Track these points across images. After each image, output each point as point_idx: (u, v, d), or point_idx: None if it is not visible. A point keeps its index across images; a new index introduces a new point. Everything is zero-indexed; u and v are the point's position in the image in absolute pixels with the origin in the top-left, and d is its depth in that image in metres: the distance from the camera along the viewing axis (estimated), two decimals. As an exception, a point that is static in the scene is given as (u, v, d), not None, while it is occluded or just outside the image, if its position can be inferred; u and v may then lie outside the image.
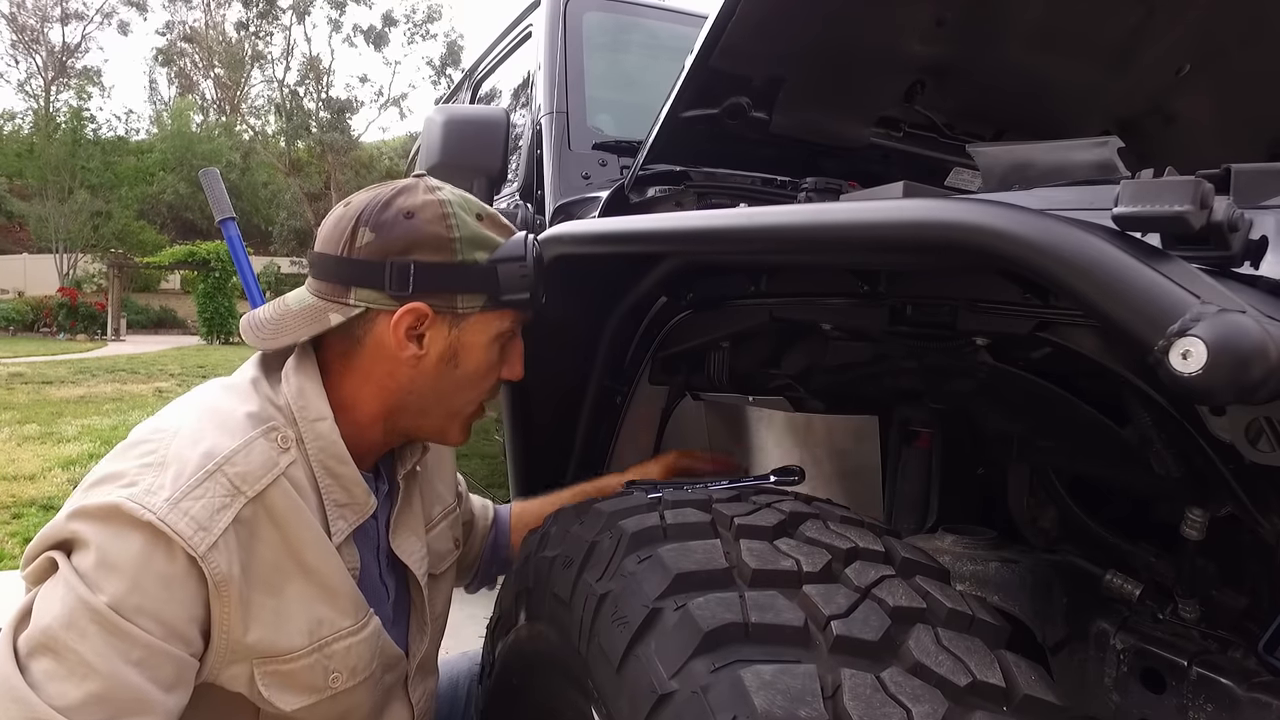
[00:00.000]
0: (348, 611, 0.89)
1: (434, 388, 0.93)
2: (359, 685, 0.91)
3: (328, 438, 0.89)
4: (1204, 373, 0.47)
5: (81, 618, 0.71)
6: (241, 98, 31.73)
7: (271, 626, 0.82)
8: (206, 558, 0.76)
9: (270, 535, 0.82)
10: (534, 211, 1.74)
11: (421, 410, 0.95)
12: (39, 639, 0.72)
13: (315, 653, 0.86)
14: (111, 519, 0.75)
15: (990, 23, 1.21)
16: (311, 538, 0.85)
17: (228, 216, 2.13)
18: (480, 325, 0.93)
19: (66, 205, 22.54)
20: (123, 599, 0.73)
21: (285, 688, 0.84)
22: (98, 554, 0.73)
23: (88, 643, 0.71)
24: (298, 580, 0.84)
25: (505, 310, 0.93)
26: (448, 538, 1.12)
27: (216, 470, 0.80)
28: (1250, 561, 0.81)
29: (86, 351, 13.56)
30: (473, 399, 0.98)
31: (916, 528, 1.11)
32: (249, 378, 0.91)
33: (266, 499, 0.82)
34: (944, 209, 0.64)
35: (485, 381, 0.97)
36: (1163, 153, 1.46)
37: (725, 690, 0.58)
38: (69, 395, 7.78)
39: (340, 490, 0.89)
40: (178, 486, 0.77)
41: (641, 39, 2.08)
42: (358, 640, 0.89)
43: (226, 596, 0.78)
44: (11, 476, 4.40)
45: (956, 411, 1.05)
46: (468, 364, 0.93)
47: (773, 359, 1.20)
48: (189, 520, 0.76)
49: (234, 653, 0.81)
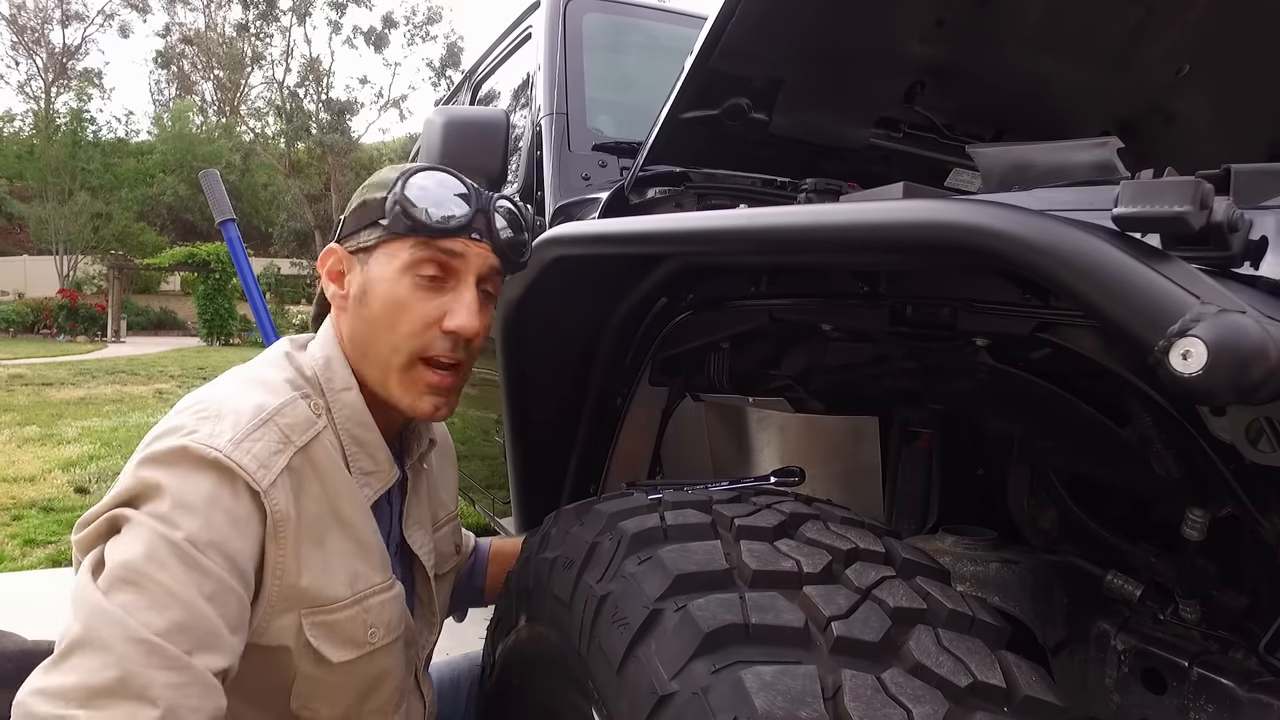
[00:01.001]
0: (378, 568, 0.92)
1: (360, 330, 0.94)
2: (392, 644, 0.93)
3: (353, 405, 0.93)
4: (1204, 373, 0.47)
5: (161, 550, 0.74)
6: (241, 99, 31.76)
7: (320, 575, 0.85)
8: (269, 494, 0.80)
9: (314, 488, 0.86)
10: (534, 213, 1.74)
11: (364, 360, 0.94)
12: (120, 573, 0.73)
13: (355, 605, 0.89)
14: (180, 461, 0.78)
15: (990, 23, 1.21)
16: (348, 494, 0.89)
17: (228, 218, 2.13)
18: (383, 258, 0.93)
19: (66, 207, 22.53)
20: (197, 533, 0.75)
21: (331, 639, 0.87)
22: (171, 497, 0.76)
23: (168, 573, 0.73)
24: (336, 533, 0.88)
25: (402, 239, 0.92)
26: (449, 541, 1.15)
27: (269, 420, 0.84)
28: (1251, 562, 0.81)
29: (87, 353, 13.56)
30: (394, 344, 0.92)
31: (917, 528, 1.11)
32: (282, 351, 0.97)
33: (311, 452, 0.86)
34: (944, 210, 0.64)
35: (401, 323, 0.92)
36: (1162, 153, 1.46)
37: (726, 691, 0.58)
38: (69, 397, 7.78)
39: (366, 457, 0.93)
40: (238, 429, 0.82)
41: (641, 40, 2.08)
42: (389, 597, 0.93)
43: (283, 537, 0.81)
44: (11, 478, 4.40)
45: (957, 412, 1.05)
46: (376, 299, 0.93)
47: (773, 360, 1.20)
48: (252, 457, 0.80)
49: (286, 599, 0.83)
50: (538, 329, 1.28)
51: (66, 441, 5.47)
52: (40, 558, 3.25)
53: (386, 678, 0.94)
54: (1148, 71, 1.33)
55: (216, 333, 17.17)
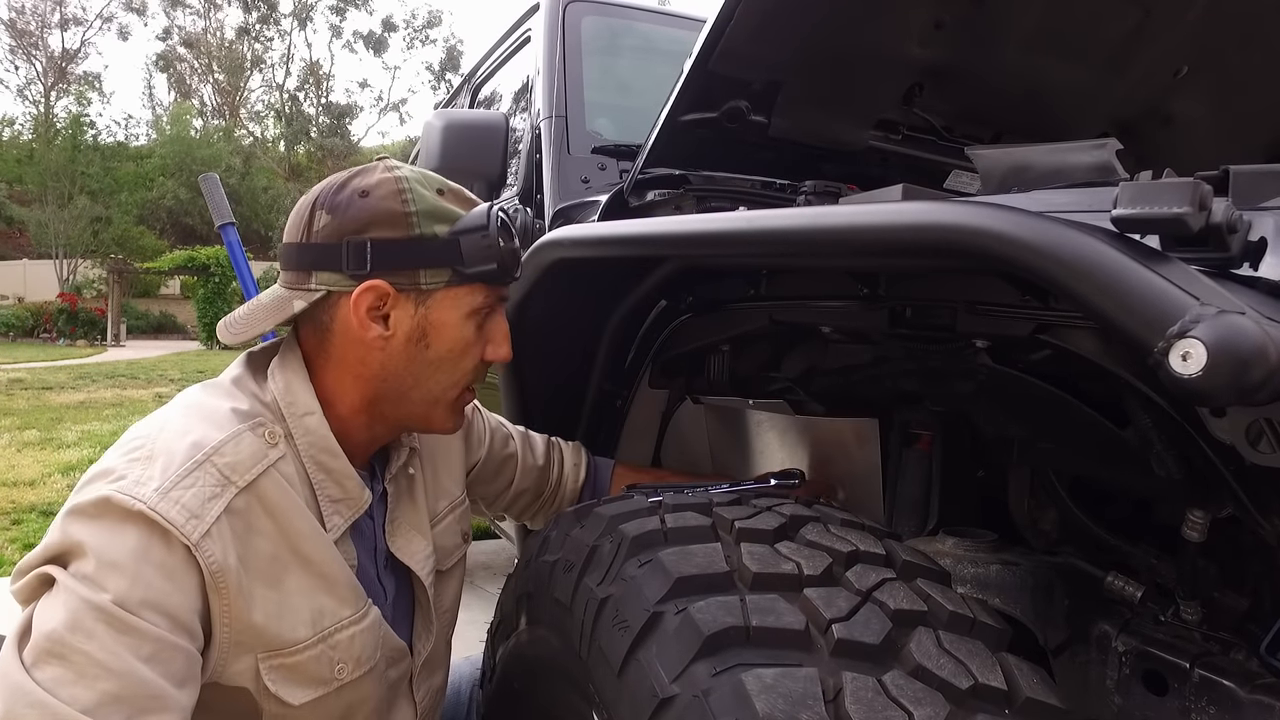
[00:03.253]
0: (348, 601, 0.88)
1: (408, 370, 0.91)
2: (364, 677, 0.90)
3: (317, 432, 0.88)
4: (1204, 374, 0.47)
5: (87, 618, 0.69)
6: (241, 103, 31.78)
7: (275, 618, 0.81)
8: (200, 546, 0.75)
9: (266, 526, 0.82)
10: (533, 216, 1.74)
11: (401, 396, 0.92)
12: (45, 646, 0.69)
13: (320, 643, 0.85)
14: (104, 514, 0.74)
15: (988, 25, 1.21)
16: (307, 528, 0.85)
17: (227, 221, 2.13)
18: (449, 301, 0.90)
19: (66, 211, 22.54)
20: (126, 594, 0.71)
21: (291, 681, 0.83)
22: (96, 555, 0.72)
23: (96, 642, 0.69)
24: (296, 571, 0.84)
25: (474, 284, 0.90)
26: (455, 532, 1.11)
27: (205, 460, 0.79)
28: (1252, 563, 0.80)
29: (86, 357, 13.56)
30: (453, 381, 0.94)
31: (917, 530, 1.11)
32: (231, 377, 0.92)
33: (259, 489, 0.81)
34: (943, 211, 0.64)
35: (464, 362, 0.93)
36: (1161, 155, 1.46)
37: (726, 694, 0.58)
38: (69, 401, 7.78)
39: (333, 485, 0.89)
40: (166, 476, 0.76)
41: (640, 43, 2.08)
42: (360, 630, 0.89)
43: (224, 588, 0.77)
44: (11, 482, 4.40)
45: (957, 414, 1.05)
46: (440, 343, 0.91)
47: (772, 362, 1.20)
48: (180, 508, 0.75)
49: (238, 645, 0.80)
50: (537, 332, 1.27)
51: (66, 445, 5.46)
52: (40, 562, 3.25)
53: (361, 705, 0.92)
54: (1146, 73, 1.33)
55: (216, 336, 17.13)
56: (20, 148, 26.31)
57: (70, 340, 17.00)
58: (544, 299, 1.22)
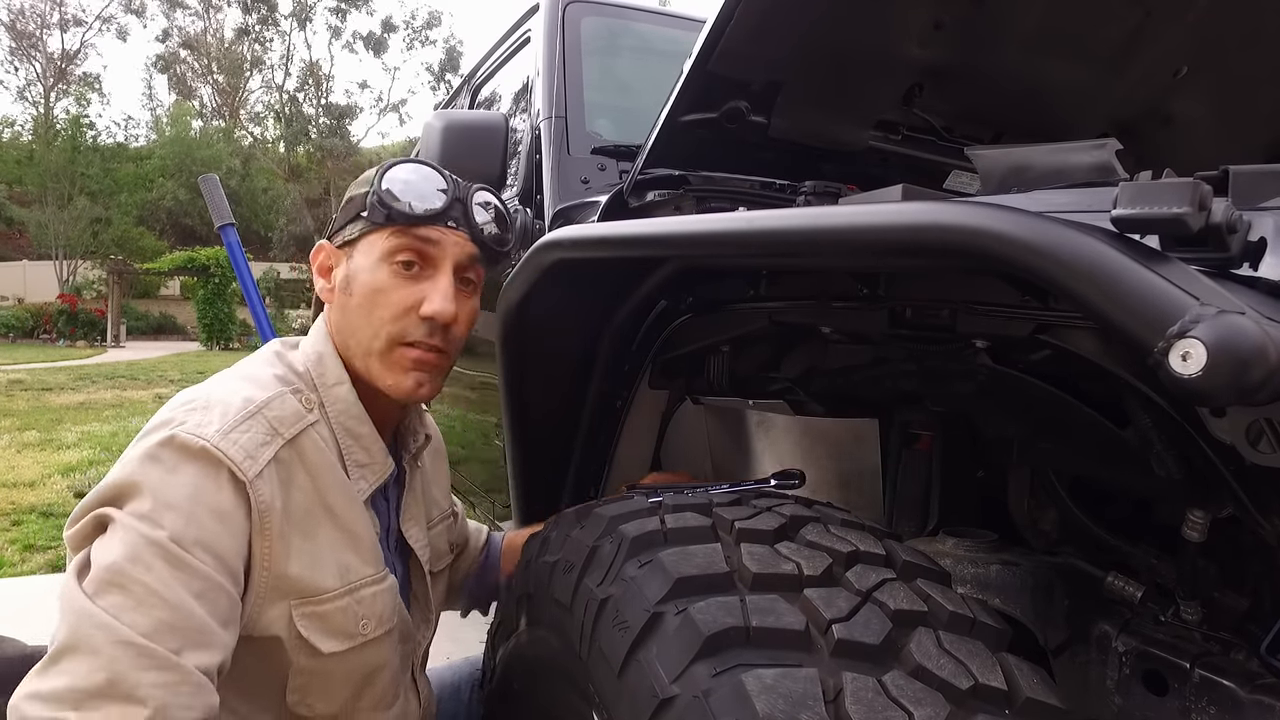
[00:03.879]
0: (370, 560, 0.93)
1: (345, 321, 0.97)
2: (385, 637, 0.94)
3: (346, 399, 0.95)
4: (1204, 374, 0.47)
5: (145, 552, 0.74)
6: (240, 103, 31.79)
7: (309, 567, 0.86)
8: (254, 484, 0.81)
9: (303, 480, 0.87)
10: (533, 216, 1.74)
11: (350, 351, 0.97)
12: (105, 576, 0.73)
13: (347, 595, 0.89)
14: (167, 452, 0.79)
15: (988, 26, 1.21)
16: (339, 486, 0.90)
17: (227, 222, 2.13)
18: (364, 248, 0.96)
19: (66, 212, 22.55)
20: (182, 532, 0.76)
21: (322, 630, 0.87)
22: (153, 496, 0.76)
23: (153, 574, 0.73)
24: (327, 525, 0.89)
25: (380, 229, 0.95)
26: (444, 540, 1.16)
27: (257, 412, 0.85)
28: (1252, 563, 0.80)
29: (86, 358, 13.56)
30: (376, 329, 0.94)
31: (917, 530, 1.11)
32: (272, 350, 0.99)
33: (300, 445, 0.87)
34: (943, 212, 0.64)
35: (380, 308, 0.94)
36: (1161, 155, 1.46)
37: (727, 695, 0.58)
38: (69, 402, 7.77)
39: (361, 450, 0.94)
40: (225, 421, 0.83)
41: (640, 43, 2.08)
42: (381, 589, 0.94)
43: (268, 529, 0.82)
44: (11, 484, 4.40)
45: (957, 414, 1.05)
46: (359, 288, 0.95)
47: (772, 362, 1.20)
48: (238, 448, 0.81)
49: (275, 590, 0.84)
50: (537, 332, 1.27)
51: (66, 446, 5.46)
52: (40, 563, 3.25)
53: (381, 671, 0.95)
54: (1146, 73, 1.33)
55: (216, 337, 17.16)
56: (20, 149, 26.31)
57: (70, 341, 17.01)
58: (543, 299, 1.22)
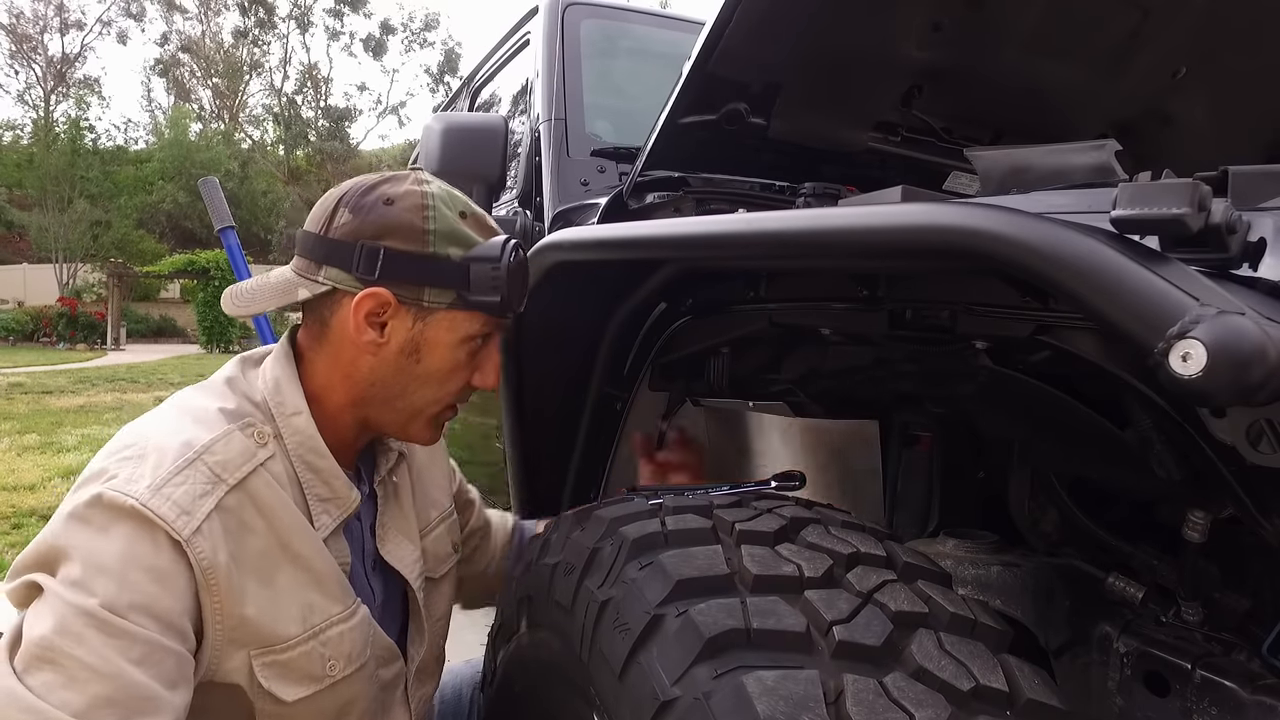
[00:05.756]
0: (336, 597, 0.89)
1: (395, 380, 0.92)
2: (356, 674, 0.91)
3: (305, 431, 0.90)
4: (1204, 375, 0.47)
5: (75, 623, 0.70)
6: (240, 106, 31.81)
7: (268, 615, 0.82)
8: (191, 542, 0.76)
9: (257, 524, 0.83)
10: (533, 218, 1.75)
11: (384, 403, 0.93)
12: (34, 652, 0.69)
13: (311, 640, 0.86)
14: (94, 514, 0.75)
15: (987, 27, 1.21)
16: (297, 526, 0.86)
17: (227, 225, 2.13)
18: (447, 323, 0.91)
19: (66, 215, 22.52)
20: (115, 598, 0.71)
21: (284, 678, 0.84)
22: (83, 561, 0.73)
23: (85, 647, 0.69)
24: (287, 567, 0.85)
25: (474, 312, 0.91)
26: (445, 541, 1.12)
27: (196, 459, 0.80)
28: (1253, 563, 0.80)
29: (86, 361, 13.55)
30: (436, 399, 0.95)
31: (918, 532, 1.11)
32: (224, 377, 0.93)
33: (249, 487, 0.82)
34: (943, 213, 0.64)
35: (449, 383, 0.94)
36: (1160, 155, 1.46)
37: (728, 696, 0.58)
38: (69, 405, 7.77)
39: (321, 484, 0.90)
40: (158, 474, 0.78)
41: (639, 45, 2.08)
42: (349, 627, 0.90)
43: (215, 585, 0.78)
44: (11, 486, 4.39)
45: (957, 415, 1.05)
46: (430, 361, 0.92)
47: (772, 364, 1.20)
48: (171, 504, 0.76)
49: (232, 642, 0.80)
50: (537, 335, 1.28)
51: (66, 449, 5.46)
52: (40, 566, 3.24)
53: (353, 704, 0.92)
54: (1145, 74, 1.33)
55: (216, 340, 17.16)
56: (20, 152, 26.31)
57: (70, 344, 17.00)
58: (544, 302, 1.22)
